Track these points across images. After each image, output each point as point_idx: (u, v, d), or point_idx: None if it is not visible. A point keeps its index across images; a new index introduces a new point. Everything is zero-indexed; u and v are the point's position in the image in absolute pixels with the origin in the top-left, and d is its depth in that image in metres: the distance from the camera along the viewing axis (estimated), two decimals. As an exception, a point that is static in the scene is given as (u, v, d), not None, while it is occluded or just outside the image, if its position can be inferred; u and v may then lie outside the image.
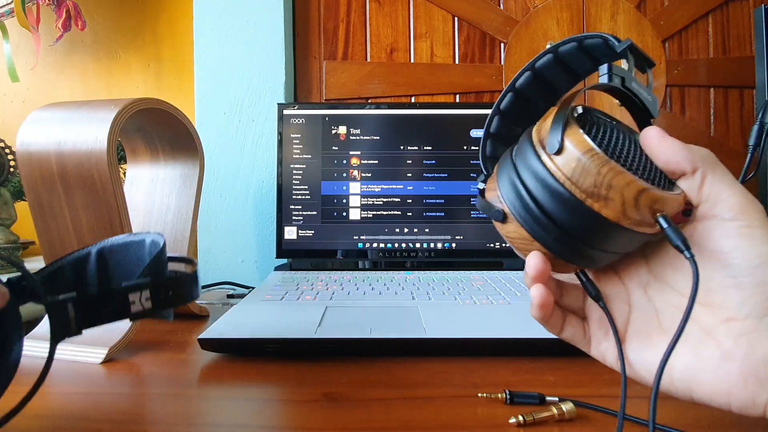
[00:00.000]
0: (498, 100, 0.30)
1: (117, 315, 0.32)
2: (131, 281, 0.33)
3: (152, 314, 0.34)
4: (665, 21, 0.90)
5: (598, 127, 0.25)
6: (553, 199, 0.23)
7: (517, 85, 0.29)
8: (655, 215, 0.23)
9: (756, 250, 0.22)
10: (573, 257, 0.25)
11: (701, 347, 0.24)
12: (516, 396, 0.32)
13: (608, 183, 0.22)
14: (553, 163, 0.24)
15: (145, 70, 0.96)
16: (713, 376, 0.23)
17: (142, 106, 0.50)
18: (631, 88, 0.26)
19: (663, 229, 0.23)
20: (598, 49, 0.27)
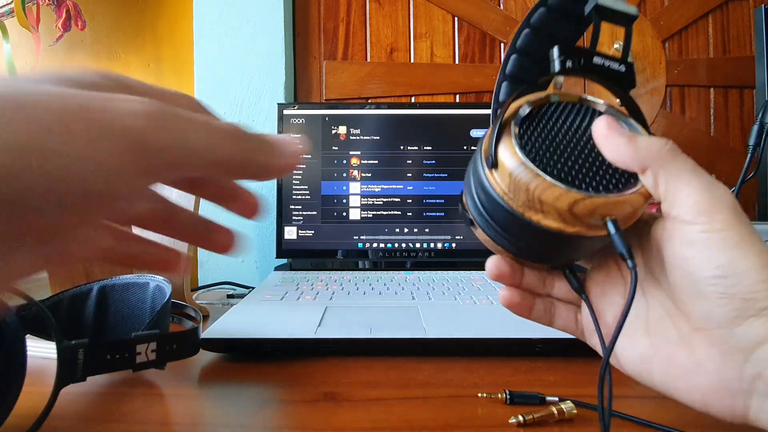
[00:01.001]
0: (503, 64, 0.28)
1: (122, 365, 0.32)
2: (140, 332, 0.33)
3: (154, 366, 0.34)
4: (665, 21, 0.90)
5: (543, 130, 0.24)
6: (498, 211, 0.23)
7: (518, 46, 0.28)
8: (604, 219, 0.22)
9: (715, 259, 0.20)
10: (536, 260, 0.25)
11: (678, 354, 0.22)
12: (516, 396, 0.32)
13: (539, 198, 0.22)
14: (492, 177, 0.23)
15: (145, 70, 0.96)
16: (687, 385, 0.22)
17: (142, 106, 0.50)
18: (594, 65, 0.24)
19: (609, 235, 0.22)
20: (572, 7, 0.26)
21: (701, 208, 0.21)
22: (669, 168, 0.21)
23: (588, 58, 0.25)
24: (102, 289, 0.41)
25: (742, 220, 0.21)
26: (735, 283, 0.20)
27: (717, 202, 0.21)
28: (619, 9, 0.24)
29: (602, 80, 0.25)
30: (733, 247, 0.20)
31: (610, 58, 0.25)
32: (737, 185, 0.68)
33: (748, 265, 0.20)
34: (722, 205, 0.21)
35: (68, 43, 0.95)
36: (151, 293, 0.40)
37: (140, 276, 0.41)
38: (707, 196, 0.21)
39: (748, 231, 0.21)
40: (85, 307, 0.41)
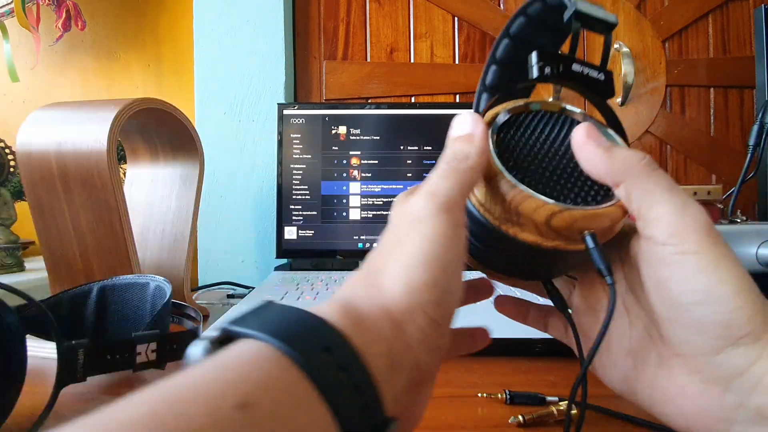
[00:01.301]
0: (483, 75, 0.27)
1: (123, 365, 0.32)
2: (141, 333, 0.33)
3: (154, 366, 0.34)
4: (665, 21, 0.90)
5: (521, 139, 0.23)
6: (475, 224, 0.22)
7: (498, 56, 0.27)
8: (582, 233, 0.21)
9: (691, 283, 0.19)
10: (514, 275, 0.25)
11: (659, 378, 0.21)
12: (516, 396, 0.32)
13: (516, 209, 0.21)
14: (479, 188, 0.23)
15: (145, 70, 0.96)
16: (670, 409, 0.21)
17: (142, 106, 0.50)
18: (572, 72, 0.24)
19: (588, 249, 0.21)
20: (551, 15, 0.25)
21: (674, 229, 0.20)
22: (643, 184, 0.21)
23: (567, 64, 0.24)
24: (102, 289, 0.41)
25: (717, 241, 0.20)
26: (711, 310, 0.19)
27: (690, 223, 0.20)
28: (598, 16, 0.24)
29: (580, 88, 0.24)
30: (709, 271, 0.19)
31: (590, 65, 0.24)
32: (737, 185, 0.68)
33: (724, 290, 0.19)
34: (696, 225, 0.20)
35: (68, 43, 0.95)
36: (152, 293, 0.40)
37: (140, 276, 0.41)
38: (680, 216, 0.20)
39: (723, 253, 0.20)
40: (86, 308, 0.41)
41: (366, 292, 0.18)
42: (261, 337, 0.15)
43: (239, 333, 0.15)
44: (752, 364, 0.19)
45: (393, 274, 0.18)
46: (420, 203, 0.19)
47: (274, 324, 0.15)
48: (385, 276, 0.18)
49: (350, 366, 0.15)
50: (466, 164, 0.21)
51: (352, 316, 0.17)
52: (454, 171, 0.20)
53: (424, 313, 0.17)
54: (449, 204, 0.19)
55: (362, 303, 0.17)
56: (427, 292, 0.18)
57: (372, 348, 0.16)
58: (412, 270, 0.18)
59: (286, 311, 0.17)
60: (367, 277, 0.19)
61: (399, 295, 0.17)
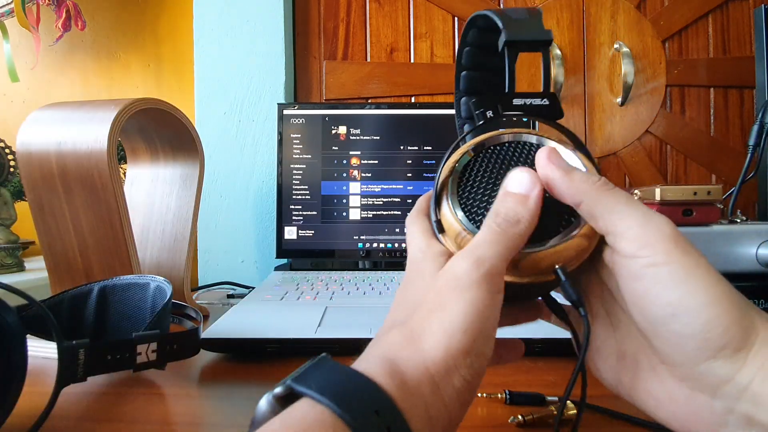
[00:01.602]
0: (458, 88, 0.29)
1: (123, 365, 0.32)
2: (141, 333, 0.33)
3: (154, 366, 0.34)
4: (665, 21, 0.90)
5: (482, 181, 0.24)
6: None
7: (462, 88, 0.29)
8: (553, 267, 0.22)
9: (664, 295, 0.19)
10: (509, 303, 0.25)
11: (651, 383, 0.22)
12: (516, 396, 0.32)
13: None
14: (444, 239, 0.24)
15: (145, 70, 0.96)
16: (665, 413, 0.21)
17: (142, 106, 0.50)
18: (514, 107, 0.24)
19: (560, 282, 0.22)
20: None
21: (642, 241, 0.20)
22: (601, 202, 0.21)
23: (507, 102, 0.24)
24: (102, 289, 0.41)
25: (687, 250, 0.20)
26: (687, 322, 0.19)
27: (656, 233, 0.20)
28: (530, 39, 0.24)
29: (530, 117, 0.25)
30: (680, 282, 0.19)
31: (531, 95, 0.25)
32: (737, 185, 0.68)
33: (697, 302, 0.19)
34: (662, 235, 0.20)
35: (68, 43, 0.95)
36: (152, 294, 0.40)
37: (141, 276, 0.41)
38: (645, 227, 0.20)
39: (694, 262, 0.19)
40: (86, 308, 0.41)
41: (408, 353, 0.19)
42: (320, 399, 0.17)
43: (301, 392, 0.17)
44: (736, 372, 0.18)
45: (434, 338, 0.19)
46: (464, 267, 0.20)
47: (331, 385, 0.17)
48: (427, 338, 0.19)
49: (395, 427, 0.17)
50: (516, 229, 0.21)
51: (397, 379, 0.18)
52: (503, 235, 0.21)
53: (460, 376, 0.19)
54: (493, 272, 0.20)
55: (404, 364, 0.19)
56: (463, 357, 0.19)
57: (414, 410, 0.18)
58: (452, 337, 0.19)
59: (341, 370, 0.19)
60: (409, 336, 0.20)
61: (439, 358, 0.19)
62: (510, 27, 0.24)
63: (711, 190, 0.51)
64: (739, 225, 0.52)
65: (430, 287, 0.21)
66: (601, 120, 0.90)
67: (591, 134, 0.90)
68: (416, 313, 0.21)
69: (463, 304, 0.19)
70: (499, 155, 0.25)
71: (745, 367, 0.18)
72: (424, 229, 0.25)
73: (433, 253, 0.23)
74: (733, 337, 0.18)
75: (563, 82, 0.88)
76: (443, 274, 0.21)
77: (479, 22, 0.27)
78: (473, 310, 0.19)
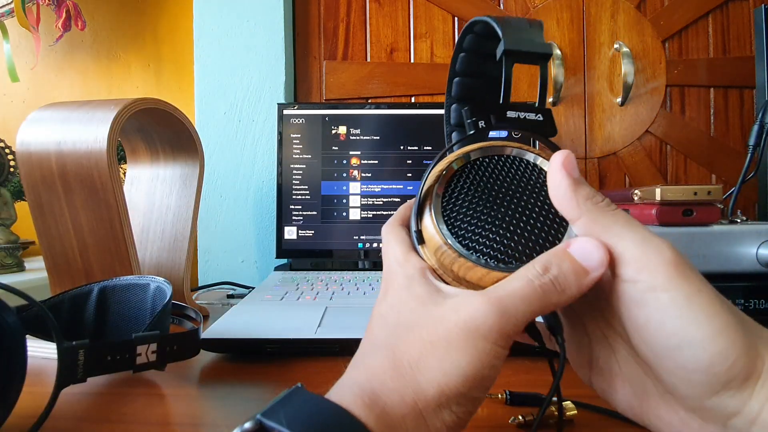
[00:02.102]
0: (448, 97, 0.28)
1: (123, 366, 0.32)
2: (141, 333, 0.33)
3: (154, 367, 0.34)
4: (665, 21, 0.90)
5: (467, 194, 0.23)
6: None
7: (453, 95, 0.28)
8: None
9: (667, 326, 0.18)
10: None
11: (661, 409, 0.21)
12: (516, 396, 0.32)
13: (464, 278, 0.21)
14: (423, 251, 0.23)
15: (145, 70, 0.96)
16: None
17: (142, 106, 0.50)
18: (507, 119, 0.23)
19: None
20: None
21: (640, 263, 0.19)
22: (601, 220, 0.20)
23: (501, 114, 0.23)
24: (102, 289, 0.41)
25: (687, 275, 0.18)
26: (692, 355, 0.18)
27: (655, 256, 0.19)
28: (530, 51, 0.23)
29: (523, 131, 0.24)
30: (683, 309, 0.18)
31: (526, 107, 0.24)
32: (737, 185, 0.68)
33: (702, 333, 0.18)
34: (662, 258, 0.18)
35: (68, 43, 0.95)
36: (152, 294, 0.40)
37: (141, 277, 0.41)
38: (643, 249, 0.19)
39: (695, 288, 0.18)
40: (86, 308, 0.41)
41: (394, 385, 0.18)
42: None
43: (271, 428, 0.17)
44: (744, 404, 0.18)
45: (431, 375, 0.18)
46: (486, 316, 0.18)
47: (302, 417, 0.17)
48: (423, 373, 0.18)
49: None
50: (558, 298, 0.19)
51: (377, 409, 0.17)
52: (542, 297, 0.19)
53: (452, 412, 0.18)
54: (515, 330, 0.19)
55: (388, 396, 0.18)
56: (457, 399, 0.18)
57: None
58: (451, 381, 0.18)
59: (313, 402, 0.17)
60: (398, 365, 0.19)
61: (431, 396, 0.18)
62: (510, 36, 0.23)
63: (711, 190, 0.51)
64: (739, 225, 0.52)
65: (431, 316, 0.20)
66: (601, 120, 0.90)
67: (591, 134, 0.90)
68: (408, 339, 0.19)
69: (474, 354, 0.18)
70: (489, 169, 0.24)
71: (753, 398, 0.18)
72: (401, 240, 0.23)
73: (411, 267, 0.22)
74: (741, 369, 0.18)
75: (563, 82, 0.88)
76: (457, 311, 0.19)
77: (477, 27, 0.26)
78: (482, 362, 0.18)
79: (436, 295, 0.20)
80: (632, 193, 0.57)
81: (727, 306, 0.18)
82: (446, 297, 0.20)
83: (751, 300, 0.49)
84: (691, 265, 0.19)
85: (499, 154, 0.24)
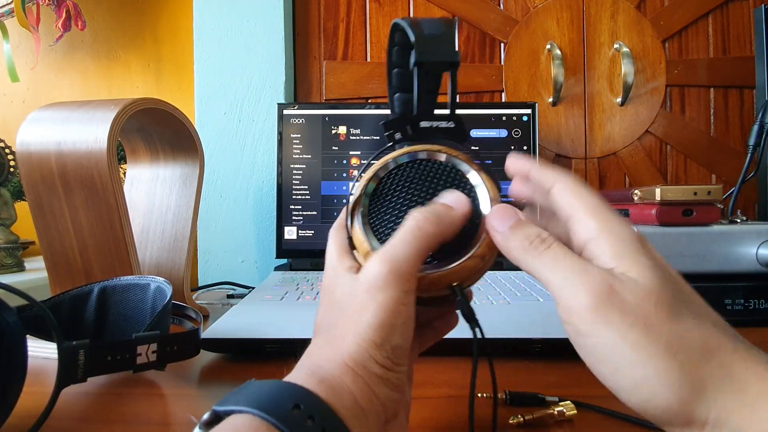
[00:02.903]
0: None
1: (123, 366, 0.32)
2: (141, 333, 0.33)
3: (154, 367, 0.34)
4: (665, 21, 0.90)
5: (389, 201, 0.25)
6: None
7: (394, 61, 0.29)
8: (449, 285, 0.23)
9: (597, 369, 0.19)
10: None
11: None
12: (516, 396, 0.32)
13: None
14: (357, 254, 0.25)
15: (145, 70, 0.96)
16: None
17: (142, 106, 0.50)
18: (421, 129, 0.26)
19: (456, 300, 0.23)
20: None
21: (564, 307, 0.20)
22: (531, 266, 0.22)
23: (414, 125, 0.26)
24: (103, 290, 0.41)
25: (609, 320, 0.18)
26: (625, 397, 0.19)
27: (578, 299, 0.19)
28: (438, 60, 0.25)
29: (438, 138, 0.26)
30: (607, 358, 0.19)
31: (439, 117, 0.26)
32: (737, 185, 0.68)
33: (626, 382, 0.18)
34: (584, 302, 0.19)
35: (68, 43, 0.95)
36: (152, 294, 0.40)
37: (141, 277, 0.41)
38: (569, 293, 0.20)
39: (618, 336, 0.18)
40: (86, 308, 0.41)
41: (328, 354, 0.21)
42: (242, 409, 0.18)
43: (225, 411, 0.19)
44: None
45: (350, 337, 0.21)
46: (377, 270, 0.22)
47: (252, 396, 0.19)
48: (345, 339, 0.21)
49: (317, 414, 0.18)
50: (433, 229, 0.22)
51: (317, 376, 0.20)
52: (418, 234, 0.22)
53: (377, 363, 0.20)
54: (403, 273, 0.22)
55: (325, 364, 0.20)
56: (377, 349, 0.20)
57: (339, 399, 0.19)
58: (363, 333, 0.21)
59: (260, 385, 0.20)
60: (331, 341, 0.22)
61: (353, 351, 0.20)
62: (420, 46, 0.24)
63: (711, 190, 0.51)
64: (739, 225, 0.52)
65: (350, 295, 0.22)
66: (601, 120, 0.90)
67: (591, 134, 0.90)
68: (337, 322, 0.22)
69: (375, 304, 0.21)
70: (408, 173, 0.26)
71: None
72: (339, 244, 0.26)
73: (344, 269, 0.24)
74: (675, 417, 0.18)
75: (563, 82, 0.88)
76: (359, 278, 0.22)
77: (399, 29, 0.28)
78: (384, 308, 0.21)
79: (357, 283, 0.23)
80: (632, 193, 0.57)
81: (666, 345, 0.18)
82: None
83: (751, 300, 0.49)
84: (619, 301, 0.18)
85: (416, 159, 0.26)
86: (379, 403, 0.20)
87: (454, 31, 0.25)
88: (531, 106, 0.77)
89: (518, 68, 0.91)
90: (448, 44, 0.25)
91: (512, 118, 0.77)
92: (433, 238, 0.22)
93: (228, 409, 0.18)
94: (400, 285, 0.21)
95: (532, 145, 0.76)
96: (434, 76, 0.26)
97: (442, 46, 0.25)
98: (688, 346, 0.18)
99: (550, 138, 0.89)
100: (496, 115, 0.77)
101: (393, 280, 0.21)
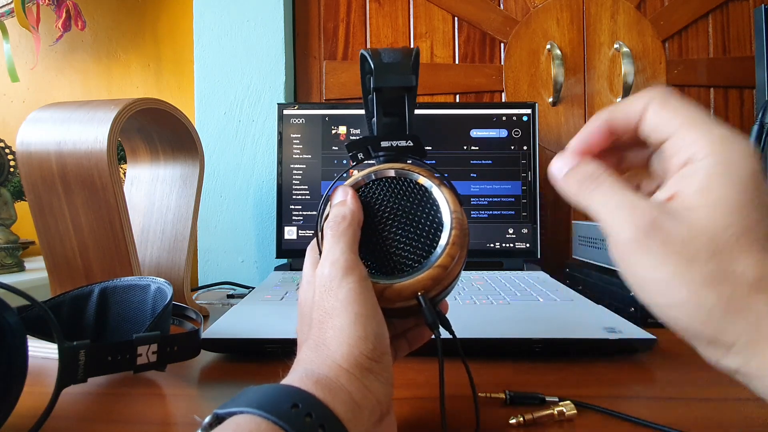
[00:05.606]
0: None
1: (123, 366, 0.32)
2: (141, 334, 0.33)
3: (155, 368, 0.34)
4: (665, 21, 0.90)
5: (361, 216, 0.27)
6: None
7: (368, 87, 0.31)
8: (415, 295, 0.25)
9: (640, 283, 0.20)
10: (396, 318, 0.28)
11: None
12: (516, 396, 0.32)
13: None
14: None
15: (145, 70, 0.96)
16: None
17: (142, 106, 0.50)
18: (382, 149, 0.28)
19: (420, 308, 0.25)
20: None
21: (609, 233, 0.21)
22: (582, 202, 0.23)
23: (375, 145, 0.28)
24: (103, 290, 0.41)
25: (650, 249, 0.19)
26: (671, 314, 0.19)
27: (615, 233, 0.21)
28: (393, 86, 0.28)
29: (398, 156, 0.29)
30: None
31: (398, 136, 0.28)
32: (737, 185, 0.68)
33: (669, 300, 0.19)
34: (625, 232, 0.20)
35: (68, 43, 0.95)
36: (153, 295, 0.40)
37: (142, 278, 0.41)
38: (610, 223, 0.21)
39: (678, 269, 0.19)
40: (87, 309, 0.41)
41: (319, 360, 0.22)
42: (243, 410, 0.19)
43: (227, 413, 0.19)
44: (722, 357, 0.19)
45: (335, 340, 0.22)
46: (326, 272, 0.24)
47: (252, 398, 0.19)
48: (329, 343, 0.22)
49: (315, 412, 0.19)
50: (345, 224, 0.26)
51: (312, 378, 0.21)
52: (339, 234, 0.25)
53: (365, 356, 0.22)
54: (348, 265, 0.24)
55: (318, 368, 0.21)
56: (363, 343, 0.22)
57: (335, 398, 0.20)
58: (345, 331, 0.22)
59: (260, 388, 0.20)
60: (315, 347, 0.23)
61: (345, 351, 0.22)
62: (378, 73, 0.27)
63: (711, 190, 0.51)
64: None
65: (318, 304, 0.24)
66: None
67: (591, 134, 0.90)
68: (317, 330, 0.24)
69: (338, 303, 0.23)
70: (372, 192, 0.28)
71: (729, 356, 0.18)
72: (313, 260, 0.28)
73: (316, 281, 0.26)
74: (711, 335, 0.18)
75: (563, 82, 0.88)
76: (317, 288, 0.24)
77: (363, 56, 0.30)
78: (349, 302, 0.23)
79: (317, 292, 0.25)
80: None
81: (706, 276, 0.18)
82: None
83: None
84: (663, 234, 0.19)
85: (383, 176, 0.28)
86: (374, 398, 0.21)
87: (411, 59, 0.28)
88: (531, 106, 0.77)
89: (518, 68, 0.91)
90: (404, 70, 0.27)
91: (512, 118, 0.77)
92: (350, 230, 0.25)
93: (229, 411, 0.19)
94: (352, 275, 0.23)
95: (532, 145, 0.76)
96: (395, 100, 0.28)
97: (397, 73, 0.27)
98: (734, 279, 0.18)
99: (550, 138, 0.89)
100: (496, 115, 0.77)
101: (341, 274, 0.23)
